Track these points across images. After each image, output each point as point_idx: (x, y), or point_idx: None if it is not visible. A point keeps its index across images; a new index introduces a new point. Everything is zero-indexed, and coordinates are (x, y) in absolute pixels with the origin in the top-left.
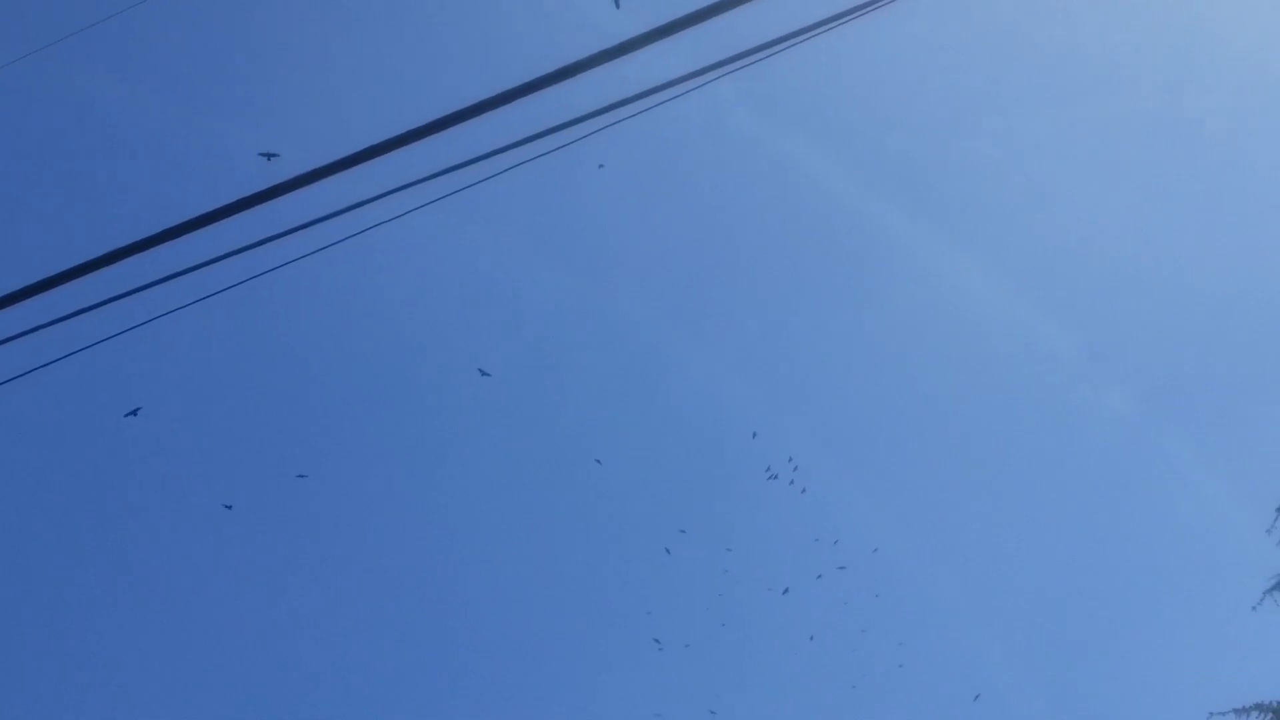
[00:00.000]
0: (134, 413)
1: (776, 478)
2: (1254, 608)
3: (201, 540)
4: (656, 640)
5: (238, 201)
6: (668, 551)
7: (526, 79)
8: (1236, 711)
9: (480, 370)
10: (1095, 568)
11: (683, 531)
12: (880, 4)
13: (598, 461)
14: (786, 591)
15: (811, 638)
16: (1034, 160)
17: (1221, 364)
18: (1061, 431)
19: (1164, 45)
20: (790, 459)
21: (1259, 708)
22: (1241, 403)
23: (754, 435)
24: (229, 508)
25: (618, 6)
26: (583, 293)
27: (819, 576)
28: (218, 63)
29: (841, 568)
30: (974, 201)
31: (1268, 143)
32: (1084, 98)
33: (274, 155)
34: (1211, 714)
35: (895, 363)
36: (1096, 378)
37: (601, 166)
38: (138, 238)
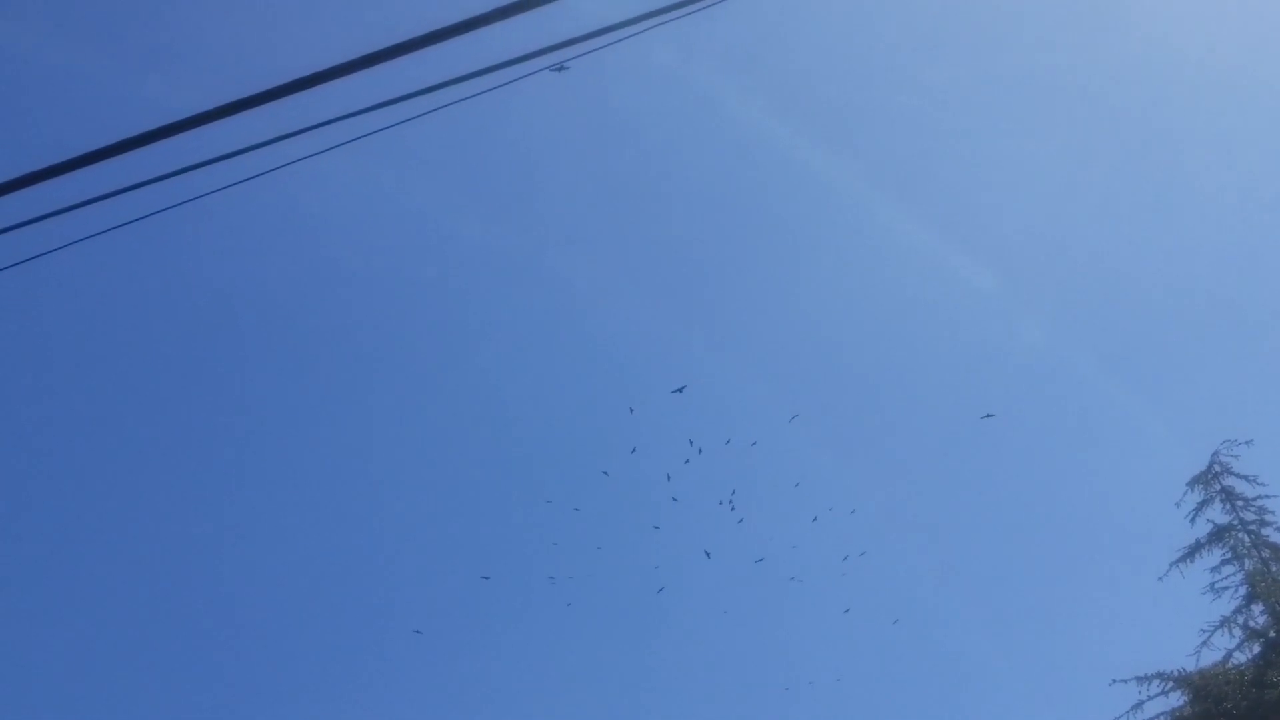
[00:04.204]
0: None
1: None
2: (1160, 579)
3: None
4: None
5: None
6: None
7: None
8: (1139, 679)
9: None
10: (1007, 536)
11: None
12: None
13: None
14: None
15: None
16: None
17: (1138, 341)
18: (981, 391)
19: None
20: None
21: (1160, 676)
22: (1157, 379)
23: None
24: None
25: None
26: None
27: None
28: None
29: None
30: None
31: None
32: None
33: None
34: (1114, 680)
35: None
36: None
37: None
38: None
